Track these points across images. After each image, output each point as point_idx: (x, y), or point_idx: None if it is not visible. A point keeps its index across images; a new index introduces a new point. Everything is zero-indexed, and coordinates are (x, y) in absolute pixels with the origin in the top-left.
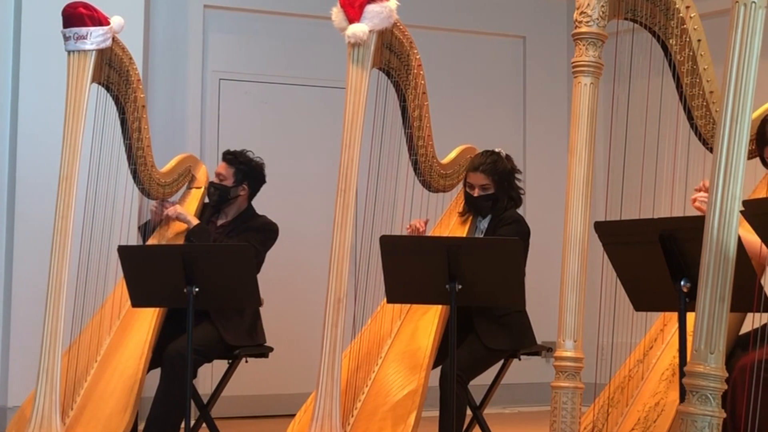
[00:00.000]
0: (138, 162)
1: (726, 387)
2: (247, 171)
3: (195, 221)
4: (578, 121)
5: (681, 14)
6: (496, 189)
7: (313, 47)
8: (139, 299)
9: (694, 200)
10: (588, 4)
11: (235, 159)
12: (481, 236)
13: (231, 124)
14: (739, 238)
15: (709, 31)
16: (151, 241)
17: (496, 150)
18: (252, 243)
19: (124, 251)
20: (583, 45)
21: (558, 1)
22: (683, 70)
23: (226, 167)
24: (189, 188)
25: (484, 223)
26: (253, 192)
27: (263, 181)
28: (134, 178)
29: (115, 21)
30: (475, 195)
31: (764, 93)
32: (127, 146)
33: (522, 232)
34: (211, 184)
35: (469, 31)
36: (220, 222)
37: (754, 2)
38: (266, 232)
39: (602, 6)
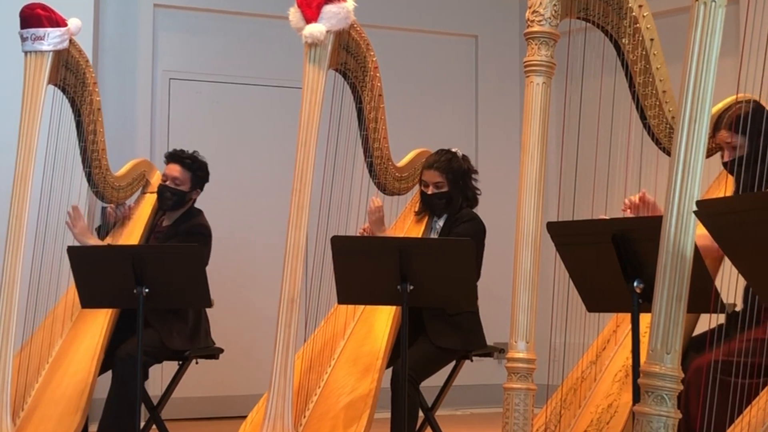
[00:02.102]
0: (93, 165)
1: (682, 387)
2: (202, 176)
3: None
4: (531, 121)
5: (634, 13)
6: (450, 187)
7: (266, 47)
8: (88, 300)
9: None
10: (540, 3)
11: (192, 164)
12: (436, 236)
13: (182, 124)
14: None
15: (663, 30)
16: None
17: (453, 149)
18: None
19: (74, 252)
20: (536, 44)
21: (510, 1)
22: (636, 70)
23: (182, 171)
24: (143, 193)
25: (439, 222)
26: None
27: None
28: (89, 180)
29: (73, 23)
30: (429, 193)
31: (724, 93)
32: (82, 149)
33: (478, 231)
34: (166, 189)
35: (420, 30)
36: (165, 224)
37: (714, 1)
38: (201, 236)
39: (554, 5)
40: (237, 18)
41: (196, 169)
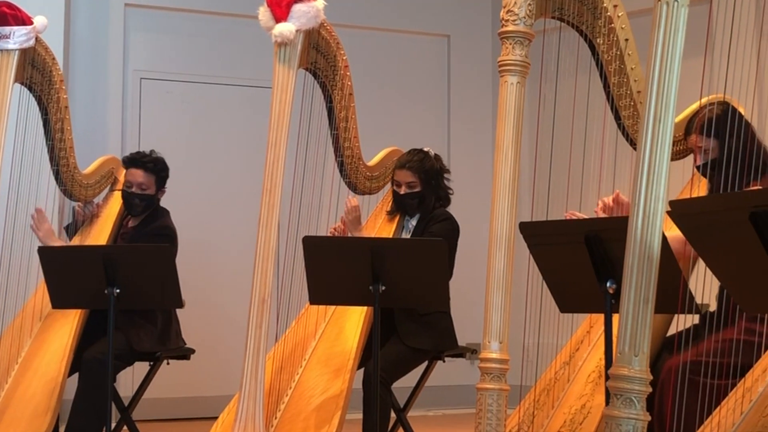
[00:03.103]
0: (60, 163)
1: (651, 390)
2: (164, 175)
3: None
4: (504, 121)
5: (608, 13)
6: (422, 187)
7: (237, 46)
8: (59, 301)
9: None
10: (515, 3)
11: (155, 166)
12: (409, 235)
13: (153, 124)
14: (665, 238)
15: (638, 30)
16: (73, 243)
17: (425, 149)
18: None
19: (44, 252)
20: (510, 44)
21: (482, 0)
22: (611, 70)
23: (145, 175)
24: (112, 190)
25: (412, 222)
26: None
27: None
28: (56, 179)
29: (39, 21)
30: (402, 192)
31: (689, 93)
32: (49, 147)
33: (452, 230)
34: (134, 196)
35: (392, 30)
36: (131, 224)
37: (676, 1)
38: (165, 238)
39: (529, 4)
40: (208, 17)
41: (159, 170)
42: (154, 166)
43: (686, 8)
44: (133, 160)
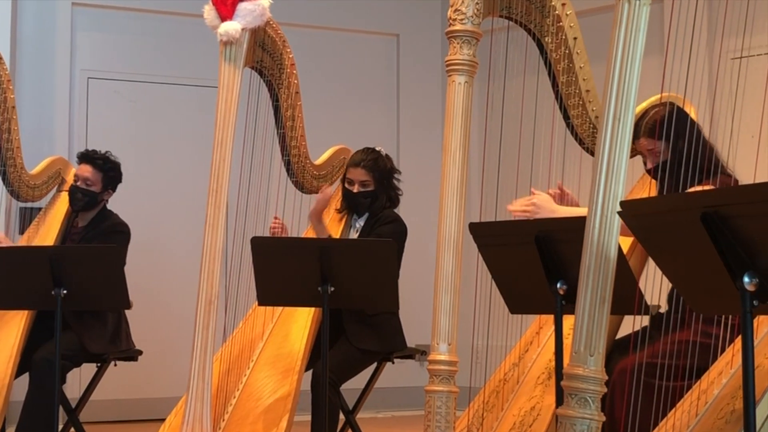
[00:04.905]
0: (7, 164)
1: (606, 390)
2: (114, 176)
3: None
4: (452, 121)
5: (557, 12)
6: (375, 186)
7: (184, 45)
8: (5, 302)
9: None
10: (462, 2)
11: (104, 164)
12: (356, 235)
13: (100, 124)
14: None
15: (586, 29)
16: (20, 243)
17: (377, 148)
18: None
19: None
20: (458, 43)
21: None
22: (559, 69)
23: (93, 171)
24: (59, 191)
25: (360, 222)
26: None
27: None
28: (3, 179)
29: None
30: (355, 191)
31: (648, 92)
32: None
33: (399, 232)
34: (77, 189)
35: (341, 29)
36: (80, 225)
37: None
38: (121, 234)
39: (477, 3)
40: (156, 17)
41: (108, 170)
42: (104, 164)
43: (648, 7)
44: (85, 156)
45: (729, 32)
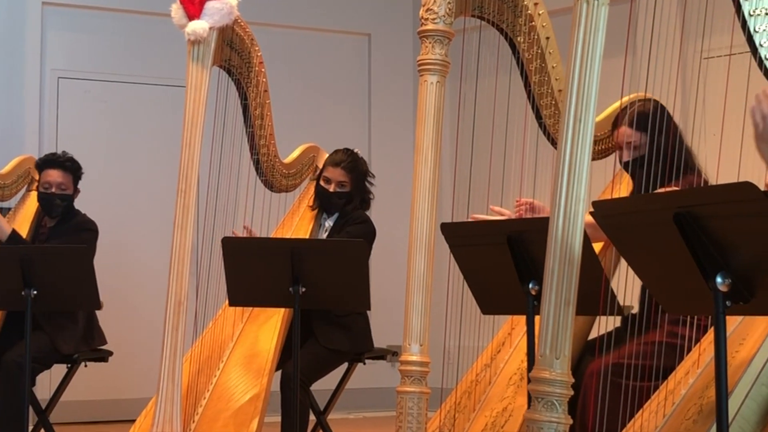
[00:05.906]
0: None
1: (572, 393)
2: (80, 174)
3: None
4: (424, 121)
5: (529, 11)
6: (351, 188)
7: (154, 45)
8: None
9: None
10: (434, 1)
11: (72, 165)
12: (325, 235)
13: (70, 124)
14: (587, 237)
15: (559, 29)
16: None
17: (355, 150)
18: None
19: None
20: (429, 43)
21: None
22: (531, 68)
23: (63, 174)
24: (29, 190)
25: (329, 221)
26: None
27: None
28: None
29: None
30: (331, 190)
31: (610, 92)
32: None
33: (369, 233)
34: (55, 196)
35: (312, 29)
36: (48, 225)
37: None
38: (89, 232)
39: (449, 3)
40: (126, 16)
41: (76, 170)
42: (72, 165)
43: (606, 7)
44: (50, 161)
45: (697, 33)
